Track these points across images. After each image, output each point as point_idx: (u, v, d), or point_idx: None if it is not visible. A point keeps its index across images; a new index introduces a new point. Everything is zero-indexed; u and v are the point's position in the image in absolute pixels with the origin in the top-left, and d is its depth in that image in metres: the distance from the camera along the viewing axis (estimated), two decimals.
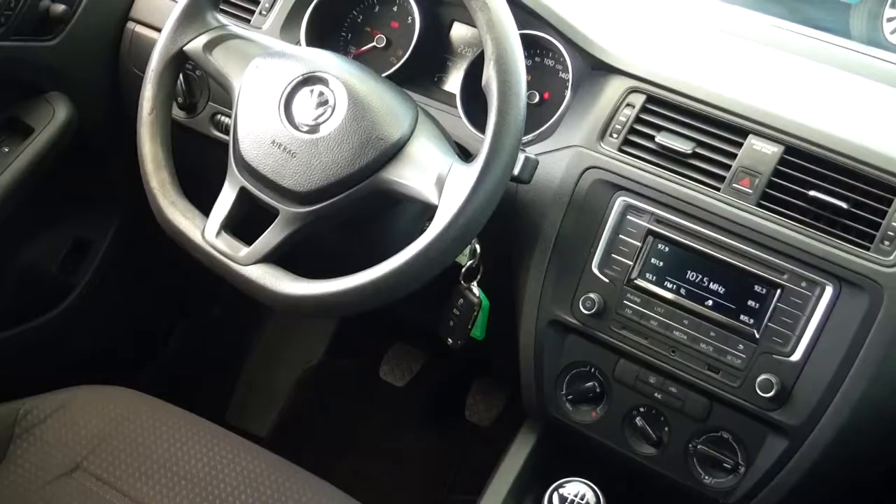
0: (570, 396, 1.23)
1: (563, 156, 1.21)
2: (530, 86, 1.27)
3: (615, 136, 1.20)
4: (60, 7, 1.47)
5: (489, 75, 1.04)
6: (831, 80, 1.41)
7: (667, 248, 1.15)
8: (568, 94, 1.28)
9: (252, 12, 1.45)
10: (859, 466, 1.13)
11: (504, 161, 1.04)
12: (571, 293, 1.19)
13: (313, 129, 1.11)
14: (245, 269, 1.12)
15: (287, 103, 1.14)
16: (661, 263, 1.15)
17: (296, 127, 1.12)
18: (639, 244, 1.16)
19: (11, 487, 1.16)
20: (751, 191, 1.12)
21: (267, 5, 1.44)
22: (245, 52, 1.19)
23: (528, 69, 1.15)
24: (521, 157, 1.09)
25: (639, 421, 1.19)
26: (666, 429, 1.18)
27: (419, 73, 1.39)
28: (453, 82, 1.38)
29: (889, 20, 5.39)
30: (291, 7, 1.42)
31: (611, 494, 0.98)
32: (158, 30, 1.23)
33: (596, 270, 1.17)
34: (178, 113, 1.45)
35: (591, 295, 1.17)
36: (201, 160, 1.30)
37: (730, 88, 1.19)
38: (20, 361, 1.67)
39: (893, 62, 1.49)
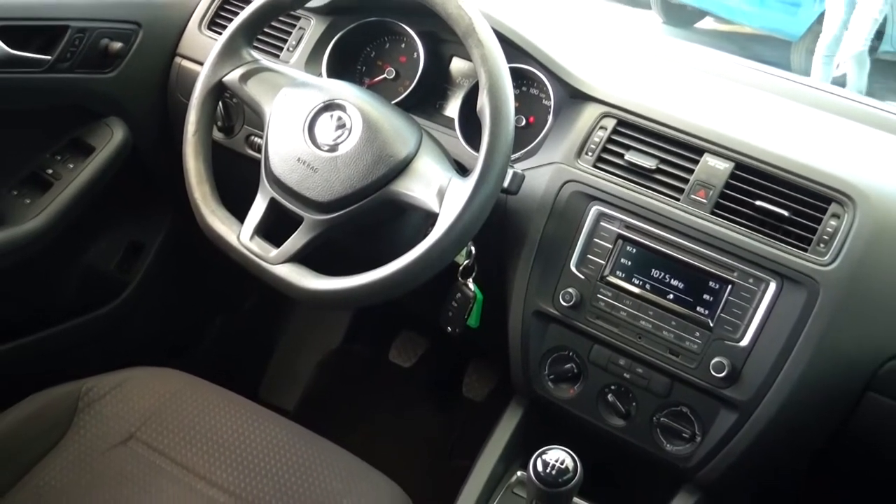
0: (551, 376, 1.23)
1: (545, 171, 1.21)
2: (518, 111, 1.27)
3: (590, 154, 1.20)
4: (118, 44, 1.47)
5: (483, 102, 1.05)
6: (774, 106, 1.41)
7: (634, 250, 1.15)
8: (550, 118, 1.28)
9: (281, 48, 1.45)
10: (798, 436, 1.13)
11: (495, 175, 1.04)
12: (553, 288, 1.19)
13: (333, 148, 1.11)
14: (275, 267, 1.12)
15: (310, 126, 1.14)
16: (630, 263, 1.15)
17: (318, 146, 1.12)
18: (610, 246, 1.16)
19: (75, 454, 1.16)
20: (706, 201, 1.12)
21: (294, 42, 1.44)
22: (275, 83, 1.19)
23: (516, 97, 1.15)
24: (510, 172, 1.09)
25: (610, 397, 1.19)
26: (633, 404, 1.18)
27: (423, 101, 1.39)
28: (452, 108, 1.38)
29: None
30: (314, 44, 1.42)
31: (586, 460, 0.97)
32: (201, 64, 1.23)
33: (574, 269, 1.17)
34: (217, 135, 1.45)
35: (570, 289, 1.17)
36: (237, 175, 1.30)
37: (688, 114, 1.19)
38: (83, 346, 1.67)
39: (825, 90, 1.49)
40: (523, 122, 1.32)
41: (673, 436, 1.16)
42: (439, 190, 1.07)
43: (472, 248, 1.23)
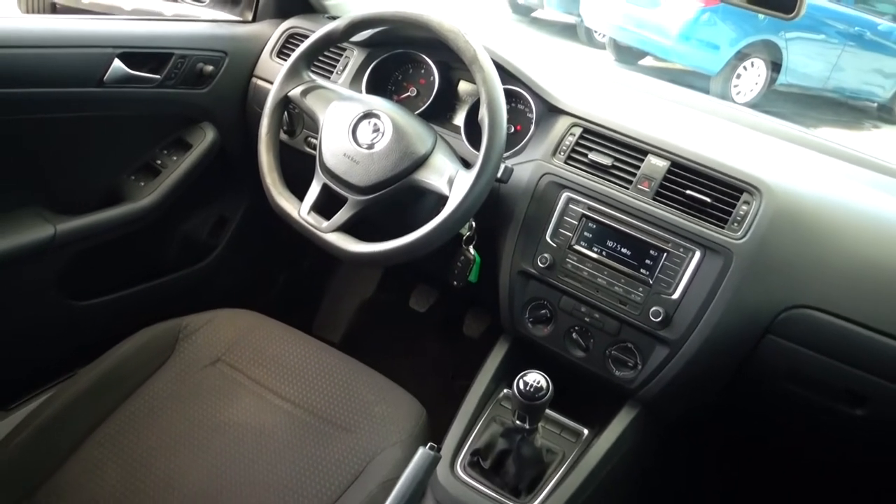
0: (530, 319, 1.22)
1: (528, 166, 1.19)
2: (509, 121, 1.25)
3: (562, 154, 1.18)
4: (210, 68, 1.46)
5: (483, 114, 1.04)
6: (699, 120, 1.39)
7: (594, 226, 1.13)
8: (532, 126, 1.26)
9: (331, 71, 1.43)
10: (715, 365, 1.12)
11: (491, 169, 1.03)
12: (532, 253, 1.17)
13: (370, 146, 1.11)
14: (326, 235, 1.12)
15: (353, 130, 1.13)
16: (591, 235, 1.14)
17: (359, 145, 1.11)
18: (576, 223, 1.14)
19: (177, 372, 1.17)
20: (648, 190, 1.11)
21: (341, 67, 1.42)
22: (327, 97, 1.18)
23: (508, 111, 1.13)
24: (502, 167, 1.08)
25: (574, 335, 1.18)
26: (591, 340, 1.17)
27: (437, 112, 1.36)
28: (459, 118, 1.36)
29: (735, 86, 5.48)
30: (356, 69, 1.40)
31: (556, 381, 0.97)
32: (272, 83, 1.22)
33: (548, 239, 1.16)
34: (283, 136, 1.43)
35: (545, 255, 1.16)
36: (298, 166, 1.29)
37: (636, 124, 1.17)
38: (182, 293, 1.68)
39: (739, 110, 1.47)
40: (512, 130, 1.30)
41: (621, 364, 1.15)
42: (449, 179, 1.06)
43: (473, 223, 1.22)
